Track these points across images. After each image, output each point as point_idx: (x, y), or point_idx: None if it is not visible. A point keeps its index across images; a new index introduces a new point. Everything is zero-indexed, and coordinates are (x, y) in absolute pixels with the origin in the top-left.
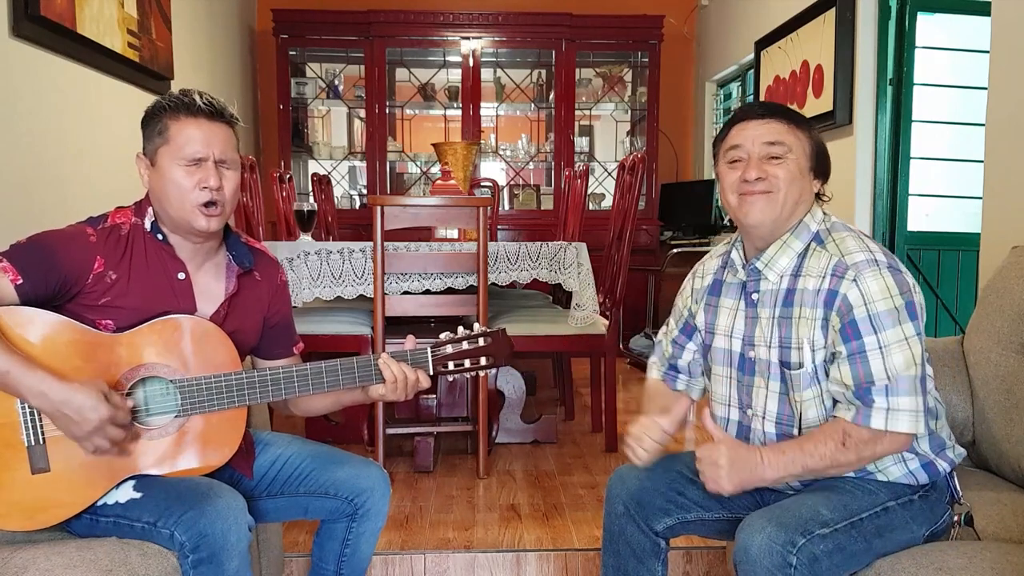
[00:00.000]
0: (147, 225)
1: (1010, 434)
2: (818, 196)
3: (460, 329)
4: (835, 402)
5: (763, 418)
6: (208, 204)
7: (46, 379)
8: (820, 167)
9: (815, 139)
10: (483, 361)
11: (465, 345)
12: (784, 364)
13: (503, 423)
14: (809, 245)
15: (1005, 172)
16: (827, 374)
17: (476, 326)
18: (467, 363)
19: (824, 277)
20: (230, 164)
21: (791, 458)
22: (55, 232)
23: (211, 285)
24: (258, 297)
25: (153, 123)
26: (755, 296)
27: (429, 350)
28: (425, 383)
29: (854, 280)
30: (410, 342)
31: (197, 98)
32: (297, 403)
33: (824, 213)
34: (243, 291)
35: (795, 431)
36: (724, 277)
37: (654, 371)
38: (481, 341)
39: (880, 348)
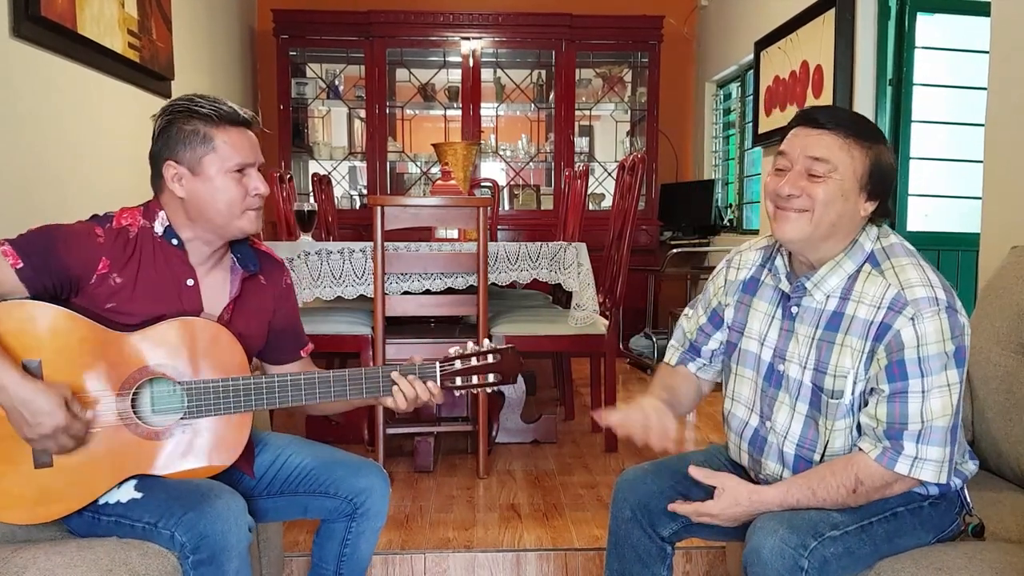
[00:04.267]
0: (158, 229)
1: (1009, 434)
2: (877, 216)
3: (469, 344)
4: (860, 432)
5: (784, 437)
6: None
7: (12, 375)
8: (875, 188)
9: (875, 157)
10: (491, 378)
11: (474, 361)
12: (819, 389)
13: (503, 423)
14: (863, 267)
15: (1004, 172)
16: (863, 405)
17: (486, 342)
18: (475, 379)
19: (879, 308)
20: (261, 168)
21: (797, 500)
22: (62, 225)
23: (216, 289)
24: (262, 300)
25: (190, 132)
26: (795, 310)
27: (438, 365)
28: (437, 396)
29: (911, 319)
30: (417, 359)
31: (236, 108)
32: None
33: (879, 228)
34: (247, 295)
35: (817, 456)
36: (763, 277)
37: (672, 356)
38: (490, 358)
39: (922, 392)
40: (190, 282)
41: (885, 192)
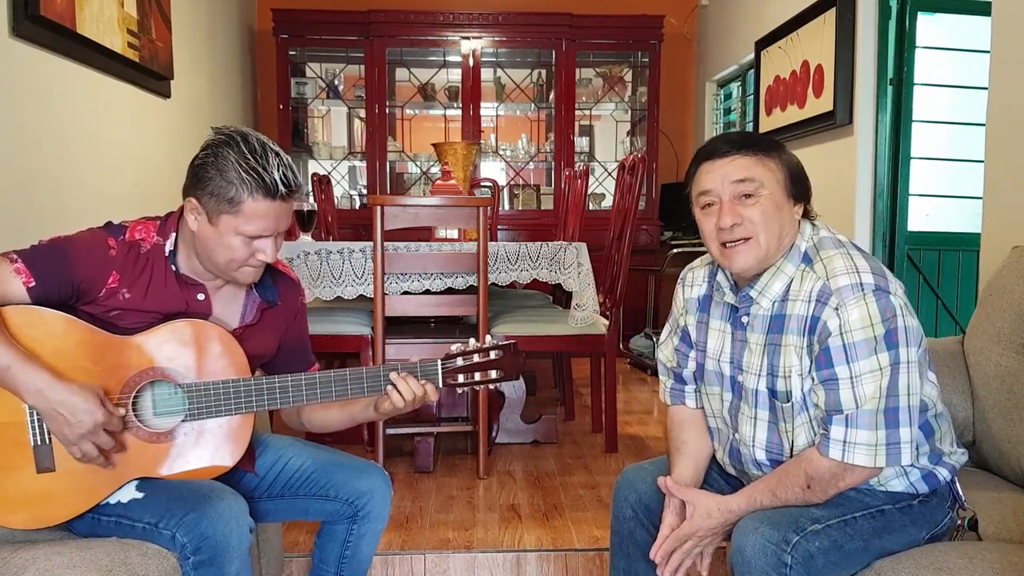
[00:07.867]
0: (167, 248)
1: (1010, 434)
2: (807, 214)
3: (472, 341)
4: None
5: (752, 446)
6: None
7: (45, 377)
8: (798, 191)
9: (787, 163)
10: (493, 374)
11: (476, 358)
12: (772, 394)
13: (503, 423)
14: (799, 266)
15: (1005, 172)
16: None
17: (488, 339)
18: (477, 376)
19: (810, 303)
20: (284, 231)
21: (761, 503)
22: (75, 239)
23: (227, 305)
24: (276, 324)
25: (222, 186)
26: (745, 319)
27: (440, 363)
28: (433, 397)
29: (836, 308)
30: (415, 359)
31: (277, 177)
32: (311, 418)
33: (813, 226)
34: (262, 321)
35: (785, 456)
36: (713, 294)
37: (665, 395)
38: (492, 355)
39: (851, 378)
40: (200, 296)
41: (807, 191)
